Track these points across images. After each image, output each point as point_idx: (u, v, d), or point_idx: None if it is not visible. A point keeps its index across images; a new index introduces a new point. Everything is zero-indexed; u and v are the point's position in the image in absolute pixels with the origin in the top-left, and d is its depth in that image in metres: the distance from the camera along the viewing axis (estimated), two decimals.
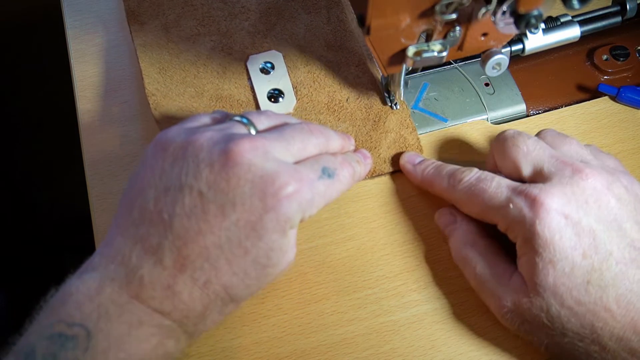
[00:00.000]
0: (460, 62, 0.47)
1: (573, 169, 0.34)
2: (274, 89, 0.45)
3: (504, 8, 0.33)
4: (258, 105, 0.44)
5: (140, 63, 0.45)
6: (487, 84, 0.47)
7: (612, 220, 0.33)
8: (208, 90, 0.44)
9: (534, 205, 0.33)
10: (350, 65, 0.46)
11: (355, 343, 0.37)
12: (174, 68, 0.45)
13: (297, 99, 0.45)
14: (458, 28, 0.35)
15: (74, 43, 0.48)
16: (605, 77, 0.47)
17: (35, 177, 0.99)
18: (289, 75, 0.45)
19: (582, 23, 0.46)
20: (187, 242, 0.30)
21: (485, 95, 0.46)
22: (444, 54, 0.36)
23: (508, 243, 0.36)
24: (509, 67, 0.46)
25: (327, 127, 0.38)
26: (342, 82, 0.45)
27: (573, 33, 0.46)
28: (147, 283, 0.30)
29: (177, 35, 0.46)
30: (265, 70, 0.45)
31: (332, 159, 0.35)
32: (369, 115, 0.44)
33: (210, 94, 0.44)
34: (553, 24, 0.46)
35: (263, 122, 0.35)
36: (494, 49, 0.39)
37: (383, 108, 0.44)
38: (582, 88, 0.47)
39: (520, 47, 0.45)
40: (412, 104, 0.46)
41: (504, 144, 0.37)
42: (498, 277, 0.35)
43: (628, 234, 0.33)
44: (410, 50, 0.35)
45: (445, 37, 0.36)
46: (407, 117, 0.44)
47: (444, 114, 0.45)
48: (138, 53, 0.45)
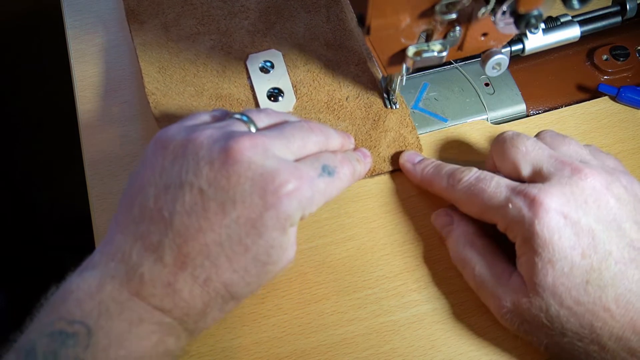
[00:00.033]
0: (460, 62, 0.47)
1: (572, 169, 0.34)
2: (274, 88, 0.45)
3: (504, 8, 0.33)
4: (258, 104, 0.44)
5: (140, 62, 0.45)
6: (487, 84, 0.47)
7: (611, 220, 0.33)
8: (208, 89, 0.44)
9: (533, 205, 0.33)
10: (350, 64, 0.46)
11: (355, 343, 0.37)
12: (174, 67, 0.45)
13: (296, 98, 0.45)
14: (458, 28, 0.35)
15: (74, 43, 0.48)
16: (605, 77, 0.47)
17: (35, 177, 0.99)
18: (289, 74, 0.45)
19: (582, 23, 0.46)
20: (187, 239, 0.30)
21: (485, 95, 0.46)
22: (444, 54, 0.36)
23: (506, 243, 0.36)
24: (509, 67, 0.46)
25: (327, 125, 0.38)
26: (341, 81, 0.45)
27: (573, 33, 0.46)
28: (147, 281, 0.30)
29: (176, 34, 0.46)
30: (265, 69, 0.45)
31: (332, 157, 0.35)
32: (369, 114, 0.44)
33: (210, 93, 0.44)
34: (553, 24, 0.46)
35: (263, 120, 0.35)
36: (494, 49, 0.39)
37: (383, 107, 0.44)
38: (582, 88, 0.47)
39: (520, 47, 0.45)
40: (412, 104, 0.46)
41: (503, 145, 0.37)
42: (497, 277, 0.35)
43: (627, 234, 0.33)
44: (410, 50, 0.35)
45: (445, 37, 0.36)
46: (406, 116, 0.44)
47: (444, 114, 0.45)
48: (138, 52, 0.45)
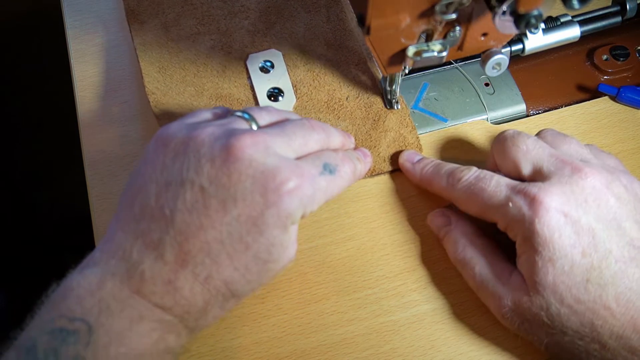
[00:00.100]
0: (460, 62, 0.47)
1: (572, 168, 0.34)
2: (274, 88, 0.45)
3: (504, 8, 0.33)
4: (258, 104, 0.44)
5: (140, 62, 0.45)
6: (487, 84, 0.47)
7: (611, 219, 0.33)
8: (208, 89, 0.44)
9: (533, 204, 0.33)
10: (350, 64, 0.46)
11: (355, 343, 0.37)
12: (174, 67, 0.45)
13: (296, 98, 0.45)
14: (458, 28, 0.35)
15: (74, 43, 0.48)
16: (605, 77, 0.47)
17: (35, 177, 0.99)
18: (289, 74, 0.45)
19: (582, 23, 0.46)
20: (188, 237, 0.30)
21: (485, 95, 0.46)
22: (444, 54, 0.36)
23: (505, 242, 0.36)
24: (509, 67, 0.46)
25: (327, 124, 0.38)
26: (341, 80, 0.45)
27: (573, 33, 0.46)
28: (148, 278, 0.30)
29: (176, 34, 0.46)
30: (265, 69, 0.45)
31: (333, 155, 0.35)
32: (369, 114, 0.44)
33: (210, 93, 0.44)
34: (553, 24, 0.46)
35: (264, 117, 0.35)
36: (494, 49, 0.39)
37: (383, 107, 0.44)
38: (582, 88, 0.47)
39: (520, 47, 0.45)
40: (412, 104, 0.46)
41: (504, 144, 0.37)
42: (497, 276, 0.35)
43: (627, 233, 0.33)
44: (410, 50, 0.35)
45: (445, 37, 0.36)
46: (406, 116, 0.44)
47: (444, 114, 0.45)
48: (138, 52, 0.45)
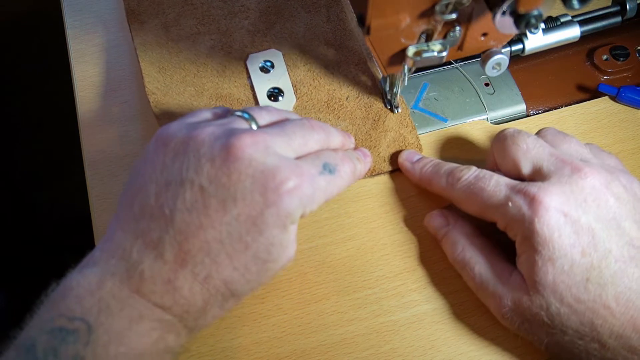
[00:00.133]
0: (460, 62, 0.47)
1: (572, 168, 0.34)
2: (274, 88, 0.45)
3: (504, 8, 0.33)
4: (258, 104, 0.44)
5: (140, 62, 0.45)
6: (487, 84, 0.47)
7: (610, 219, 0.33)
8: (208, 89, 0.44)
9: (533, 204, 0.33)
10: (350, 64, 0.46)
11: (355, 343, 0.37)
12: (174, 67, 0.45)
13: (296, 98, 0.45)
14: (458, 28, 0.35)
15: (74, 43, 0.48)
16: (605, 77, 0.47)
17: (35, 177, 0.99)
18: (289, 74, 0.45)
19: (582, 23, 0.46)
20: (188, 236, 0.30)
21: (485, 95, 0.46)
22: (444, 54, 0.36)
23: (504, 242, 0.36)
24: (509, 67, 0.46)
25: (327, 124, 0.38)
26: (341, 80, 0.45)
27: (573, 33, 0.46)
28: (147, 277, 0.30)
29: (177, 34, 0.46)
30: (265, 69, 0.45)
31: (333, 155, 0.35)
32: (369, 114, 0.44)
33: (210, 93, 0.44)
34: (553, 24, 0.46)
35: (264, 117, 0.35)
36: (494, 49, 0.39)
37: (383, 107, 0.44)
38: (582, 88, 0.47)
39: (520, 47, 0.45)
40: (412, 104, 0.46)
41: (504, 142, 0.37)
42: (497, 276, 0.35)
43: (627, 233, 0.33)
44: (410, 50, 0.35)
45: (445, 37, 0.36)
46: (406, 116, 0.44)
47: (444, 114, 0.45)
48: (138, 52, 0.45)
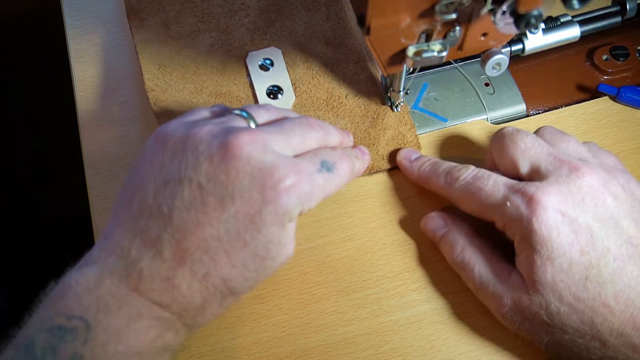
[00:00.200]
0: (460, 62, 0.47)
1: (570, 167, 0.34)
2: (273, 86, 0.45)
3: (504, 8, 0.33)
4: (257, 102, 0.44)
5: (140, 59, 0.45)
6: (487, 84, 0.47)
7: (609, 218, 0.33)
8: (207, 87, 0.44)
9: (531, 203, 0.33)
10: (350, 62, 0.46)
11: (355, 343, 0.37)
12: (174, 64, 0.45)
13: (296, 96, 0.45)
14: (458, 28, 0.35)
15: (74, 43, 0.48)
16: (605, 77, 0.47)
17: (35, 177, 0.99)
18: (288, 72, 0.45)
19: (582, 23, 0.46)
20: (186, 234, 0.30)
21: (485, 95, 0.46)
22: (444, 54, 0.36)
23: (503, 243, 0.36)
24: (509, 67, 0.46)
25: (326, 122, 0.38)
26: (341, 79, 0.45)
27: (573, 33, 0.46)
28: (146, 275, 0.30)
29: (176, 32, 0.46)
30: (265, 67, 0.45)
31: (331, 153, 0.35)
32: (368, 112, 0.44)
33: (210, 91, 0.44)
34: (553, 24, 0.46)
35: (263, 115, 0.35)
36: (494, 49, 0.39)
37: (382, 105, 0.44)
38: (582, 88, 0.47)
39: (520, 47, 0.45)
40: (412, 104, 0.46)
41: (503, 141, 0.37)
42: (497, 276, 0.35)
43: (625, 231, 0.33)
44: (410, 50, 0.35)
45: (445, 37, 0.36)
46: (405, 114, 0.44)
47: (444, 114, 0.45)
48: (138, 49, 0.45)
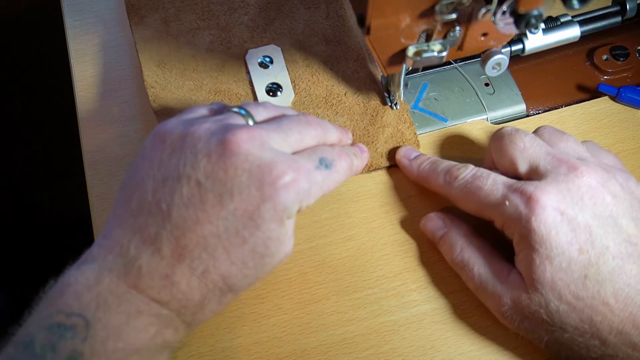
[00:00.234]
0: (460, 62, 0.47)
1: (568, 167, 0.34)
2: (273, 83, 0.45)
3: (504, 8, 0.33)
4: (256, 99, 0.44)
5: (140, 56, 0.45)
6: (487, 84, 0.47)
7: (607, 217, 0.33)
8: (207, 84, 0.45)
9: (530, 202, 0.33)
10: (349, 60, 0.46)
11: (355, 343, 0.37)
12: (173, 61, 0.45)
13: (295, 93, 0.45)
14: (458, 28, 0.35)
15: (74, 43, 0.48)
16: (605, 77, 0.47)
17: (35, 177, 0.99)
18: (288, 70, 0.45)
19: (582, 23, 0.46)
20: (185, 231, 0.30)
21: (485, 95, 0.46)
22: (444, 54, 0.36)
23: (501, 242, 0.36)
24: (509, 67, 0.46)
25: (324, 119, 0.38)
26: (340, 76, 0.45)
27: (573, 33, 0.46)
28: (145, 273, 0.30)
29: (176, 29, 0.46)
30: (264, 65, 0.45)
31: (329, 150, 0.35)
32: (367, 110, 0.44)
33: (209, 88, 0.44)
34: (553, 24, 0.46)
35: (261, 113, 0.35)
36: (494, 49, 0.39)
37: (380, 103, 0.44)
38: (582, 88, 0.47)
39: (520, 47, 0.45)
40: (412, 104, 0.46)
41: (501, 141, 0.37)
42: (496, 275, 0.35)
43: (624, 230, 0.33)
44: (410, 50, 0.35)
45: (445, 37, 0.36)
46: (404, 111, 0.44)
47: (444, 114, 0.45)
48: (137, 46, 0.45)
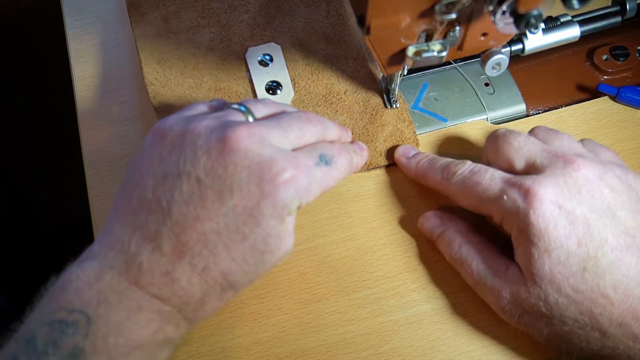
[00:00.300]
0: (460, 62, 0.47)
1: (565, 160, 0.34)
2: (272, 81, 0.45)
3: (504, 8, 0.33)
4: (256, 97, 0.44)
5: (140, 53, 0.45)
6: (487, 84, 0.47)
7: (605, 209, 0.33)
8: (206, 82, 0.45)
9: (528, 196, 0.33)
10: (349, 59, 0.46)
11: (355, 343, 0.37)
12: (173, 59, 0.45)
13: (295, 91, 0.45)
14: (458, 28, 0.35)
15: (74, 43, 0.48)
16: (605, 77, 0.47)
17: (35, 177, 0.99)
18: (288, 68, 0.45)
19: (582, 23, 0.46)
20: (185, 228, 0.30)
21: (485, 95, 0.46)
22: (444, 54, 0.36)
23: (500, 238, 0.36)
24: (509, 67, 0.46)
25: (324, 117, 0.38)
26: (340, 75, 0.45)
27: (573, 33, 0.46)
28: (146, 269, 0.30)
29: (176, 27, 0.46)
30: (264, 63, 0.45)
31: (329, 147, 0.35)
32: (366, 109, 0.44)
33: (209, 85, 0.44)
34: (553, 24, 0.46)
35: (261, 110, 0.35)
36: (494, 49, 0.39)
37: (380, 102, 0.44)
38: (582, 88, 0.47)
39: (520, 47, 0.45)
40: (412, 104, 0.46)
41: (497, 142, 0.37)
42: (495, 270, 0.35)
43: (622, 222, 0.33)
44: (410, 50, 0.35)
45: (445, 37, 0.36)
46: (404, 110, 0.44)
47: (444, 114, 0.45)
48: (138, 43, 0.45)
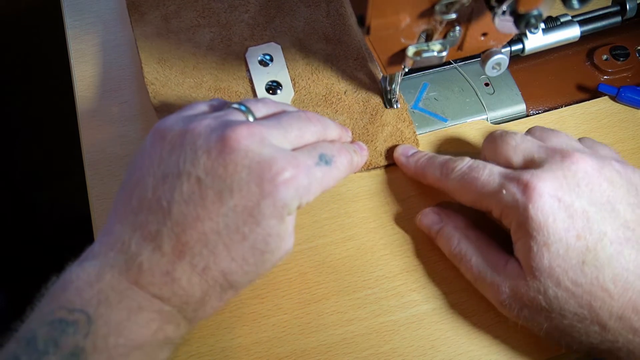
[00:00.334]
0: (460, 62, 0.47)
1: (563, 155, 0.34)
2: (272, 81, 0.45)
3: (504, 8, 0.33)
4: (256, 97, 0.44)
5: (140, 53, 0.45)
6: (487, 84, 0.47)
7: (604, 202, 0.33)
8: (207, 81, 0.45)
9: (527, 190, 0.33)
10: (349, 59, 0.46)
11: (355, 343, 0.37)
12: (173, 58, 0.45)
13: (295, 91, 0.45)
14: (458, 28, 0.35)
15: (74, 43, 0.48)
16: (605, 77, 0.47)
17: (35, 177, 0.99)
18: (288, 68, 0.45)
19: (582, 23, 0.47)
20: (185, 228, 0.30)
21: (485, 95, 0.46)
22: (444, 54, 0.36)
23: (499, 234, 0.36)
24: (509, 67, 0.46)
25: (324, 116, 0.38)
26: (340, 75, 0.45)
27: (573, 33, 0.46)
28: (146, 269, 0.30)
29: (177, 26, 0.46)
30: (264, 63, 0.45)
31: (329, 146, 0.35)
32: (366, 109, 0.44)
33: (209, 85, 0.44)
34: (553, 24, 0.46)
35: (261, 109, 0.35)
36: (494, 49, 0.39)
37: (380, 102, 0.44)
38: (582, 88, 0.47)
39: (520, 47, 0.45)
40: (412, 104, 0.46)
41: (494, 143, 0.37)
42: (494, 265, 0.35)
43: (621, 215, 0.33)
44: (410, 50, 0.35)
45: (445, 37, 0.36)
46: (404, 110, 0.44)
47: (444, 114, 0.45)
48: (138, 43, 0.45)
